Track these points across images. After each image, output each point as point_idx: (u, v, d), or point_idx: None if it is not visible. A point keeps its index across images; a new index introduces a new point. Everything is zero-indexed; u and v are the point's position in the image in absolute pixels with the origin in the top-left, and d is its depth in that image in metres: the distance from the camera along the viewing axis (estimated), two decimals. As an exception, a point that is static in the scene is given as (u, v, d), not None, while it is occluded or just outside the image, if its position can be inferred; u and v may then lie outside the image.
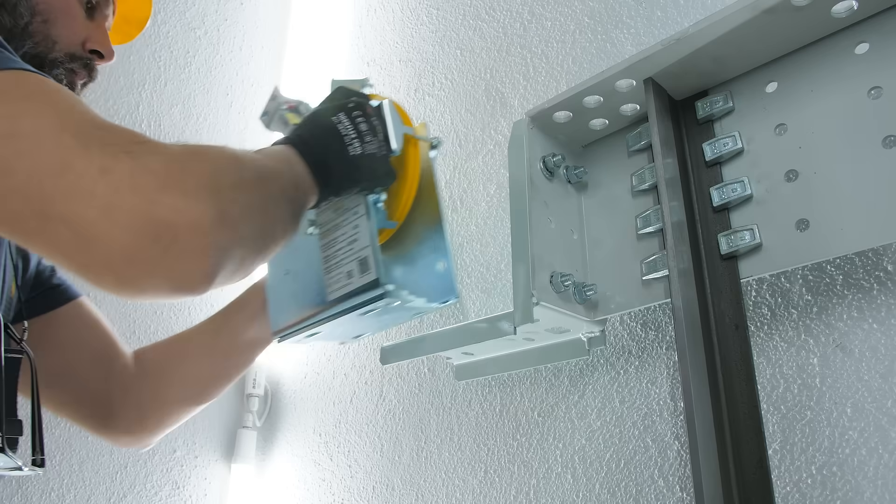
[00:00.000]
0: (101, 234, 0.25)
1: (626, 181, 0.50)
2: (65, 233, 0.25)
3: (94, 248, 0.25)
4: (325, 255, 0.46)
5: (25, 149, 0.25)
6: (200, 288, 0.27)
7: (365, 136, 0.40)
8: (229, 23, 1.05)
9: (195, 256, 0.26)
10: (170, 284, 0.26)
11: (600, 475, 0.51)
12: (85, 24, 0.46)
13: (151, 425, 0.52)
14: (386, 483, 0.69)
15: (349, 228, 0.44)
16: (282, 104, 0.49)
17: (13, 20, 0.42)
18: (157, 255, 0.25)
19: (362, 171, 0.40)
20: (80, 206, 0.25)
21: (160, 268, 0.25)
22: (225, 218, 0.27)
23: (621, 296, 0.48)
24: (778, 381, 0.43)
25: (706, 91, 0.48)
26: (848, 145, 0.39)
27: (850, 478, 0.38)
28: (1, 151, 0.25)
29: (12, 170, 0.25)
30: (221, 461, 0.87)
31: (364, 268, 0.42)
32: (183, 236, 0.26)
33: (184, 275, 0.26)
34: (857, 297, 0.41)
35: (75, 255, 0.25)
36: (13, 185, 0.25)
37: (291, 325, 0.48)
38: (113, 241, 0.25)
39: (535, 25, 0.71)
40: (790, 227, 0.41)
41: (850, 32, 0.41)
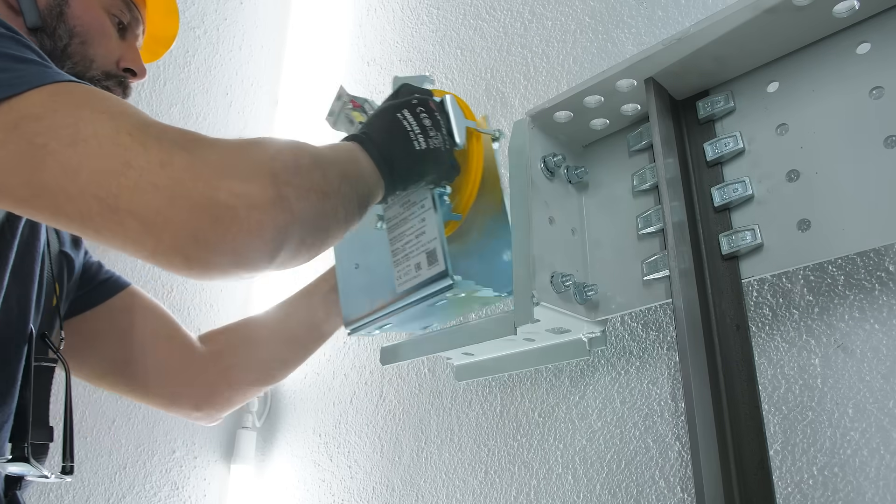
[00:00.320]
0: (167, 220, 0.27)
1: (627, 181, 0.50)
2: (133, 224, 0.27)
3: (163, 233, 0.27)
4: (394, 248, 0.48)
5: (89, 153, 0.27)
6: (262, 264, 0.29)
7: (429, 130, 0.42)
8: (229, 22, 1.05)
9: (255, 234, 0.28)
10: (233, 261, 0.28)
11: (601, 476, 0.51)
12: (118, 44, 0.48)
13: (220, 403, 0.55)
14: (386, 484, 0.69)
15: (416, 222, 0.46)
16: (347, 103, 0.51)
17: (53, 43, 0.44)
18: (220, 235, 0.27)
19: (427, 165, 0.42)
20: (145, 198, 0.27)
21: (223, 246, 0.28)
22: (282, 199, 0.29)
23: (622, 296, 0.48)
24: (779, 381, 0.43)
25: (707, 91, 0.48)
26: (849, 145, 0.39)
27: (852, 478, 0.38)
28: (67, 158, 0.27)
29: (79, 173, 0.27)
30: (221, 462, 0.87)
31: (432, 259, 0.44)
32: (242, 216, 0.27)
33: (246, 252, 0.28)
34: (858, 298, 0.41)
35: (146, 243, 0.28)
36: (82, 187, 0.27)
37: (362, 317, 0.51)
38: (179, 226, 0.27)
39: (535, 25, 0.71)
40: (791, 227, 0.40)
41: (851, 32, 0.41)
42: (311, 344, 0.57)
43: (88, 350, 0.50)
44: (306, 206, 0.31)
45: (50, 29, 0.44)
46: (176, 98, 0.94)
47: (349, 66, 0.99)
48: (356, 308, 0.52)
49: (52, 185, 0.27)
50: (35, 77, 0.29)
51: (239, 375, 0.55)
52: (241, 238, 0.28)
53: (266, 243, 0.29)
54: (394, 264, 0.48)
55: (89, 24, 0.45)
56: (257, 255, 0.29)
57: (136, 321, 0.53)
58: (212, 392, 0.54)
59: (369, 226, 0.50)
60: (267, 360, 0.56)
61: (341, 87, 0.51)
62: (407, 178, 0.41)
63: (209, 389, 0.54)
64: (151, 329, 0.54)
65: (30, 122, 0.27)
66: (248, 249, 0.28)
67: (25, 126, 0.27)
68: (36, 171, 0.27)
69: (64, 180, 0.27)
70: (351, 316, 0.52)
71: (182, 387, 0.54)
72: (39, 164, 0.27)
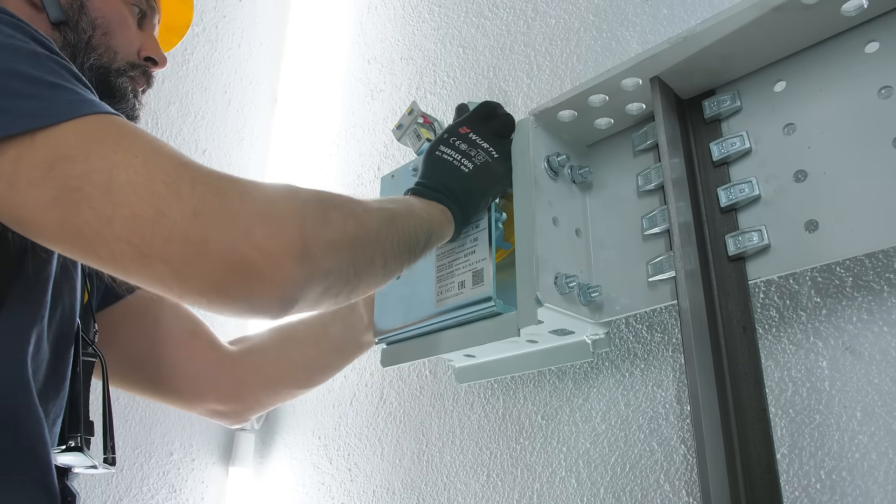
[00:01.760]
0: (195, 270, 0.28)
1: (632, 181, 0.50)
2: (163, 269, 0.28)
3: (190, 280, 0.29)
4: (440, 264, 0.49)
5: (123, 200, 0.28)
6: (279, 315, 0.31)
7: (469, 152, 0.45)
8: (228, 20, 1.04)
9: (274, 291, 0.29)
10: (252, 311, 0.30)
11: (605, 479, 0.50)
12: (138, 34, 0.49)
13: (249, 401, 0.55)
14: (386, 487, 0.68)
15: (468, 241, 0.48)
16: (419, 117, 0.53)
17: (77, 36, 0.44)
18: (242, 288, 0.29)
19: (483, 181, 0.45)
20: (176, 249, 0.28)
21: (243, 298, 0.29)
22: (307, 255, 0.30)
23: (627, 297, 0.47)
24: (786, 384, 0.42)
25: (713, 90, 0.47)
26: (857, 145, 0.39)
27: (860, 482, 0.38)
28: (102, 205, 0.28)
29: (113, 220, 0.28)
30: (219, 464, 0.86)
31: (478, 279, 0.46)
32: (265, 273, 0.29)
33: (264, 305, 0.30)
34: (867, 300, 0.40)
35: (172, 286, 0.29)
36: (115, 233, 0.28)
37: (395, 329, 0.52)
38: (205, 276, 0.28)
39: (538, 23, 0.70)
40: (799, 228, 0.40)
41: (859, 31, 0.40)
42: (351, 354, 0.58)
43: (111, 344, 0.50)
44: (333, 260, 0.32)
45: (73, 22, 0.44)
46: (174, 96, 0.94)
47: (349, 65, 0.99)
48: (390, 319, 0.52)
49: (86, 231, 0.28)
50: (69, 107, 0.29)
51: (272, 372, 0.55)
52: (261, 293, 0.29)
53: (284, 299, 0.30)
54: (437, 280, 0.49)
55: (110, 15, 0.45)
56: (274, 308, 0.30)
57: (161, 316, 0.53)
58: (240, 388, 0.54)
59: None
60: (304, 362, 0.56)
61: (414, 102, 0.53)
62: (469, 200, 0.44)
63: (236, 386, 0.54)
64: (176, 324, 0.54)
65: (65, 164, 0.28)
66: (266, 304, 0.30)
67: (61, 168, 0.28)
68: (70, 216, 0.28)
69: (98, 226, 0.27)
70: (384, 326, 0.53)
71: (206, 382, 0.53)
72: (74, 209, 0.27)
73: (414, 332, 0.51)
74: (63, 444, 0.39)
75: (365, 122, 0.91)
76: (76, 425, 0.39)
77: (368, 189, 0.87)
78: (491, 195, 0.47)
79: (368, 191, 0.86)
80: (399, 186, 0.58)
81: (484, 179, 0.45)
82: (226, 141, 1.00)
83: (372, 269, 0.35)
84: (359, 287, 0.36)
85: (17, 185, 0.28)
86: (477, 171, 0.45)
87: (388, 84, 0.89)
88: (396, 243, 0.37)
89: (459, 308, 0.47)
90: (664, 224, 0.46)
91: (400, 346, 0.55)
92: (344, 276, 0.33)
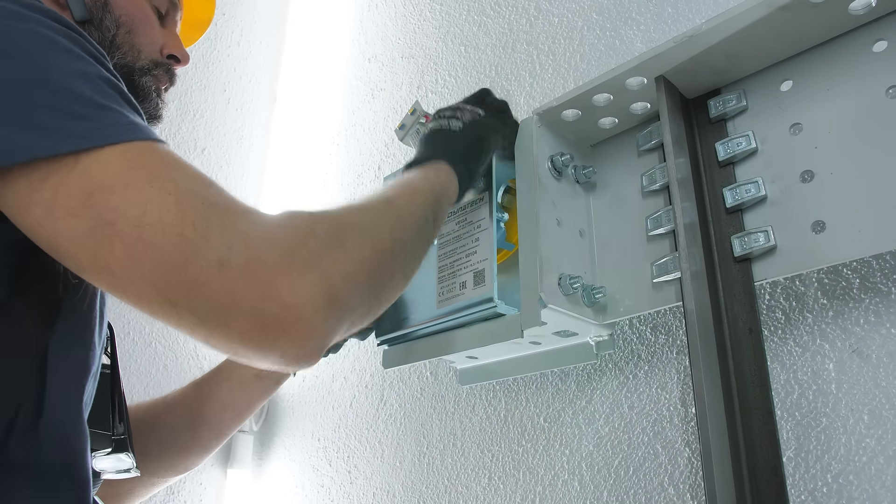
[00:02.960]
0: (221, 325, 0.28)
1: (637, 181, 0.49)
2: (189, 318, 0.28)
3: (215, 331, 0.28)
4: (441, 264, 0.49)
5: (153, 241, 0.27)
6: (309, 363, 0.31)
7: (454, 115, 0.45)
8: (227, 18, 1.03)
9: (303, 342, 0.29)
10: (282, 363, 0.30)
11: (608, 482, 0.50)
12: (161, 31, 0.48)
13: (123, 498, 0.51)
14: (386, 489, 0.68)
15: (469, 241, 0.47)
16: (420, 117, 0.52)
17: (101, 34, 0.43)
18: (269, 342, 0.29)
19: (475, 130, 0.45)
20: (201, 300, 0.28)
21: (274, 352, 0.29)
22: (332, 301, 0.30)
23: (631, 299, 0.47)
24: (792, 386, 0.42)
25: (719, 89, 0.47)
26: (865, 145, 0.39)
27: (867, 486, 0.37)
28: (133, 243, 0.27)
29: (143, 261, 0.27)
30: (217, 466, 0.86)
31: (479, 280, 0.45)
32: (292, 329, 0.28)
33: (292, 357, 0.29)
34: (874, 301, 0.40)
35: (199, 334, 0.29)
36: (143, 274, 0.27)
37: (395, 332, 0.51)
38: (232, 332, 0.28)
39: (541, 21, 0.70)
40: (805, 228, 0.40)
41: (867, 30, 0.40)
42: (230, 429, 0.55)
43: None
44: (357, 296, 0.32)
45: (97, 20, 0.43)
46: (173, 94, 0.92)
47: (350, 63, 0.98)
48: (392, 321, 0.52)
49: (117, 268, 0.28)
50: (115, 131, 0.29)
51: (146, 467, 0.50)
52: (290, 347, 0.29)
53: (312, 348, 0.30)
54: (438, 281, 0.48)
55: (133, 12, 0.45)
56: (303, 358, 0.30)
57: None
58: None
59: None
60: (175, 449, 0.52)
61: (417, 102, 0.52)
62: (467, 152, 0.43)
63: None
64: None
65: (103, 195, 0.28)
66: (294, 355, 0.30)
67: (98, 198, 0.28)
68: (103, 251, 0.27)
69: (128, 264, 0.27)
70: (385, 328, 0.52)
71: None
72: (107, 244, 0.27)
73: (415, 334, 0.51)
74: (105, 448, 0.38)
75: (365, 121, 0.91)
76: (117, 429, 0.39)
77: (369, 189, 0.86)
78: (491, 146, 0.46)
79: (369, 191, 0.86)
80: None
81: (477, 130, 0.45)
82: (225, 140, 0.99)
83: (393, 284, 0.35)
84: (382, 306, 0.35)
85: (54, 213, 0.28)
86: (467, 126, 0.45)
87: (389, 83, 0.89)
88: (410, 243, 0.36)
89: (461, 309, 0.46)
90: (669, 225, 0.45)
91: (401, 348, 0.54)
92: (367, 304, 0.33)
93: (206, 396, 0.54)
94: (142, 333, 0.83)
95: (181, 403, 0.54)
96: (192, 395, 0.54)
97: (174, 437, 0.52)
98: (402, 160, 0.82)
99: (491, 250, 0.46)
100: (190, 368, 0.87)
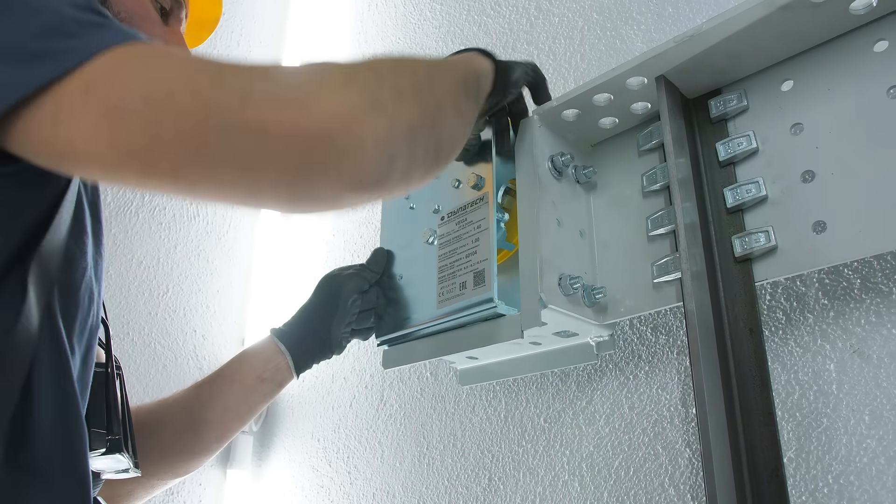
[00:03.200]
0: (260, 159, 0.25)
1: (637, 181, 0.49)
2: (227, 169, 0.25)
3: (259, 174, 0.25)
4: (441, 265, 0.49)
5: (167, 104, 0.25)
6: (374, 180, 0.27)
7: None
8: (226, 17, 1.03)
9: (355, 151, 0.26)
10: (341, 184, 0.26)
11: (609, 483, 0.50)
12: (163, 30, 0.47)
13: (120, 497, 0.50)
14: (386, 490, 0.68)
15: (470, 241, 0.47)
16: None
17: None
18: (319, 160, 0.26)
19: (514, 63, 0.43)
20: (233, 140, 0.25)
21: (326, 171, 0.26)
22: (377, 105, 0.27)
23: (631, 299, 0.47)
24: (793, 387, 0.42)
25: (720, 89, 0.47)
26: (866, 145, 0.38)
27: (868, 487, 0.37)
28: (146, 114, 0.25)
29: (161, 126, 0.25)
30: (217, 466, 0.86)
31: (479, 280, 0.45)
32: (338, 136, 0.26)
33: (351, 170, 0.26)
34: (875, 302, 0.40)
35: (242, 188, 0.26)
36: (166, 141, 0.25)
37: (396, 332, 0.51)
38: (274, 162, 0.25)
39: (541, 21, 0.69)
40: (806, 229, 0.39)
41: (868, 29, 0.40)
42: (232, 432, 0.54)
43: None
44: (405, 107, 0.29)
45: None
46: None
47: (349, 64, 0.98)
48: (392, 321, 0.52)
49: (138, 146, 0.25)
50: (104, 39, 0.28)
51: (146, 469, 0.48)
52: (343, 159, 0.26)
53: (374, 162, 0.27)
54: (438, 281, 0.48)
55: (133, 8, 0.44)
56: (365, 170, 0.27)
57: None
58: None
59: (421, 240, 0.52)
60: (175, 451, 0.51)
61: None
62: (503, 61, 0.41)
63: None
64: None
65: (102, 84, 0.26)
66: (353, 168, 0.26)
67: (98, 88, 0.26)
68: (119, 133, 0.25)
69: (147, 138, 0.25)
70: (385, 328, 0.52)
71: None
72: (121, 124, 0.25)
73: (416, 335, 0.51)
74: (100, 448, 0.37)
75: (365, 121, 0.90)
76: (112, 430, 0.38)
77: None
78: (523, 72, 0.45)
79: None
80: None
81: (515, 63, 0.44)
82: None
83: (444, 112, 0.32)
84: (443, 138, 0.32)
85: (60, 118, 0.26)
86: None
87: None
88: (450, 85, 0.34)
89: (461, 310, 0.46)
90: (670, 225, 0.45)
91: (401, 348, 0.54)
92: (422, 123, 0.30)
93: (208, 399, 0.53)
94: (141, 334, 0.83)
95: (182, 406, 0.53)
96: (193, 398, 0.53)
97: (175, 440, 0.52)
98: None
99: (491, 250, 0.46)
100: (189, 369, 0.86)
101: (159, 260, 0.86)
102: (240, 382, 0.54)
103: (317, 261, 0.88)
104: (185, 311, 0.87)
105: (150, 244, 0.86)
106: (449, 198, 0.52)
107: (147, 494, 0.52)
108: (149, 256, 0.85)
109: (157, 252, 0.86)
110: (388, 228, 0.57)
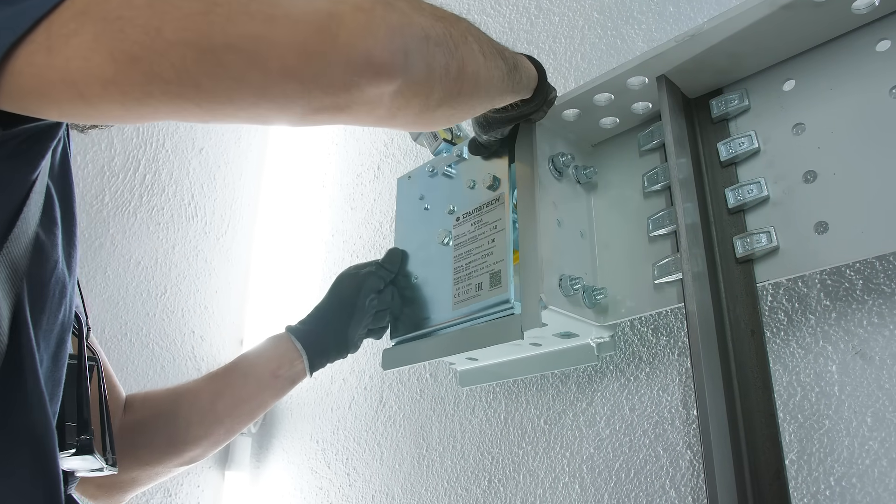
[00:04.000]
0: (269, 46, 0.24)
1: (638, 181, 0.49)
2: (234, 61, 0.25)
3: (268, 63, 0.24)
4: (457, 266, 0.49)
5: (166, 5, 0.25)
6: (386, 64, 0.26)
7: None
8: None
9: (366, 33, 0.25)
10: (354, 69, 0.25)
11: (609, 485, 0.49)
12: None
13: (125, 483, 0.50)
14: (386, 492, 0.67)
15: (486, 242, 0.47)
16: None
17: None
18: (330, 45, 0.25)
19: None
20: (241, 27, 0.24)
21: (337, 55, 0.25)
22: (390, 4, 0.26)
23: (632, 300, 0.47)
24: (795, 388, 0.42)
25: (721, 89, 0.46)
26: (868, 145, 0.38)
27: (871, 489, 0.37)
28: (147, 19, 0.25)
29: (164, 28, 0.24)
30: (215, 468, 0.85)
31: (495, 281, 0.45)
32: (349, 19, 0.25)
33: (363, 53, 0.25)
34: (877, 303, 0.40)
35: (252, 77, 0.25)
36: (169, 41, 0.24)
37: (410, 333, 0.51)
38: (282, 49, 0.24)
39: (542, 20, 0.69)
40: (808, 229, 0.39)
41: (871, 29, 0.39)
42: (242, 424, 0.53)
43: None
44: (421, 16, 0.28)
45: None
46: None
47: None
48: (407, 322, 0.52)
49: (139, 52, 0.24)
50: None
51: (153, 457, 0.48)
52: (355, 42, 0.25)
53: (383, 44, 0.26)
54: (454, 282, 0.48)
55: None
56: (376, 52, 0.26)
57: None
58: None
59: (436, 240, 0.52)
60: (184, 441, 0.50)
61: None
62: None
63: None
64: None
65: (99, 3, 0.25)
66: (364, 50, 0.25)
67: (95, 7, 0.25)
68: (119, 43, 0.24)
69: (148, 40, 0.24)
70: (400, 328, 0.52)
71: None
72: (119, 35, 0.25)
73: (429, 332, 0.50)
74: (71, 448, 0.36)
75: (364, 121, 0.90)
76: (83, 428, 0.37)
77: (368, 189, 0.86)
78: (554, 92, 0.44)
79: (368, 191, 0.85)
80: (416, 189, 0.57)
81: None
82: (223, 139, 0.98)
83: (468, 45, 0.31)
84: (467, 65, 0.31)
85: (54, 47, 0.25)
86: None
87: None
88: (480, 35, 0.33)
89: (477, 311, 0.46)
90: (671, 225, 0.45)
91: (401, 349, 0.54)
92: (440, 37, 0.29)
93: (221, 391, 0.52)
94: (139, 335, 0.82)
95: (194, 396, 0.52)
96: (205, 389, 0.53)
97: (185, 430, 0.51)
98: (402, 160, 0.82)
99: (507, 251, 0.45)
100: (187, 370, 0.86)
101: (157, 260, 0.86)
102: (254, 377, 0.53)
103: (316, 261, 0.88)
104: (183, 311, 0.87)
105: (148, 244, 0.85)
106: (464, 198, 0.51)
107: (151, 481, 0.51)
108: (147, 257, 0.85)
109: (154, 252, 0.86)
110: (403, 229, 0.57)
